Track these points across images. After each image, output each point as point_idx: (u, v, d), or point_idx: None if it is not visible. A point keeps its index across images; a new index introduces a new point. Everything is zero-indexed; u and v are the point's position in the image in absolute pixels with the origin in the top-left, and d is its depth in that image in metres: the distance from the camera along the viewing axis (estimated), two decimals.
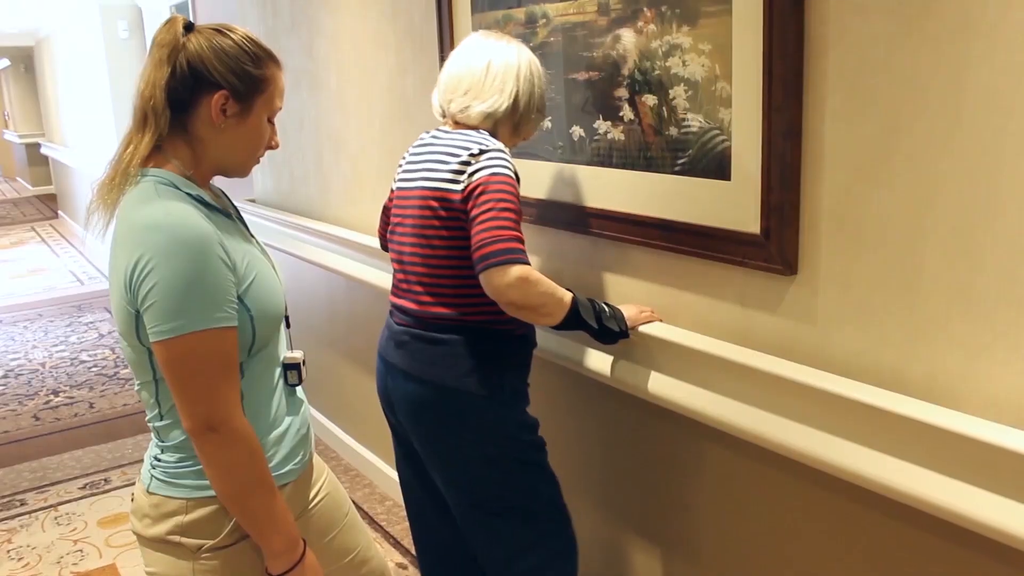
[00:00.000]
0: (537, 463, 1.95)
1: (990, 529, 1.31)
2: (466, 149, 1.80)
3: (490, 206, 1.72)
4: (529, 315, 1.76)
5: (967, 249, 1.35)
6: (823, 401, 1.53)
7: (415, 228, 1.88)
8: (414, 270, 1.90)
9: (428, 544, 2.18)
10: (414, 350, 1.90)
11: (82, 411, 4.44)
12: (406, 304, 1.94)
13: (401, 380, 1.93)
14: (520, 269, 1.69)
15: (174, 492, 1.43)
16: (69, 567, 2.98)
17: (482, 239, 1.71)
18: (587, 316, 1.81)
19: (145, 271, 1.29)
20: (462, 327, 1.86)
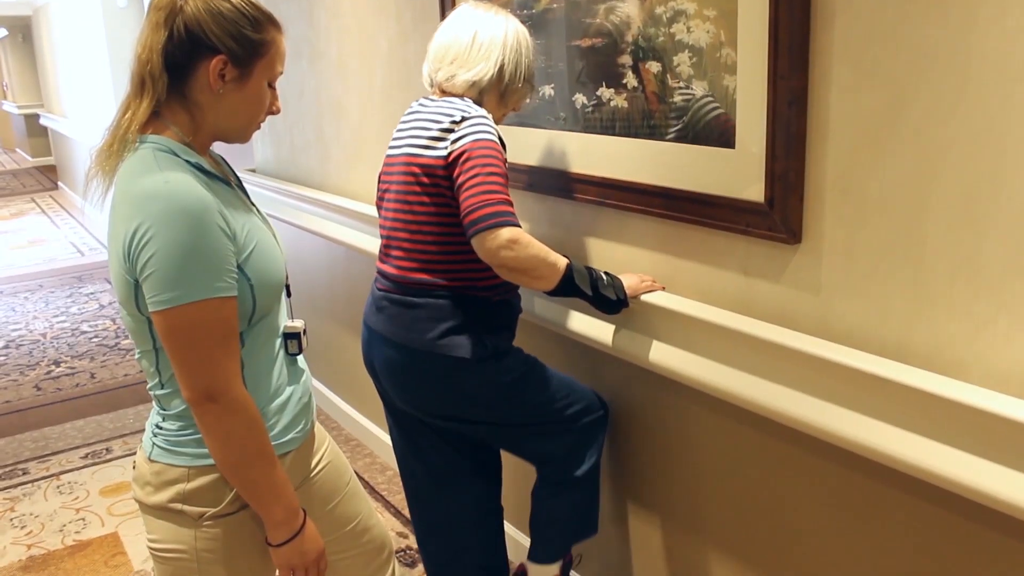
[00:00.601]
0: (535, 381, 1.98)
1: (992, 499, 1.31)
2: (448, 116, 1.83)
3: (477, 171, 1.74)
4: (522, 278, 1.78)
5: (972, 219, 1.33)
6: (825, 370, 1.52)
7: (398, 194, 1.92)
8: (396, 235, 1.93)
9: (423, 511, 2.19)
10: (392, 314, 1.93)
11: (83, 381, 4.45)
12: (388, 269, 1.96)
13: (381, 345, 1.96)
14: (511, 231, 1.71)
15: (176, 460, 1.43)
16: (71, 535, 3.00)
17: (471, 204, 1.73)
18: (581, 283, 1.82)
19: (144, 240, 1.27)
20: (439, 291, 1.89)
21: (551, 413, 1.98)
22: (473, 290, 1.90)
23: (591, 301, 1.86)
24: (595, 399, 2.06)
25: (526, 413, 1.97)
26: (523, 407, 1.96)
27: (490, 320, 1.93)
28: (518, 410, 1.96)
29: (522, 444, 2.04)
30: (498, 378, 1.93)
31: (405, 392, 1.97)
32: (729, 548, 1.92)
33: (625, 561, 2.26)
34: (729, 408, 1.82)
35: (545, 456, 2.04)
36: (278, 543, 1.44)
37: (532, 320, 2.23)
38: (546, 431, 2.00)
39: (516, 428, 2.00)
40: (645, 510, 2.15)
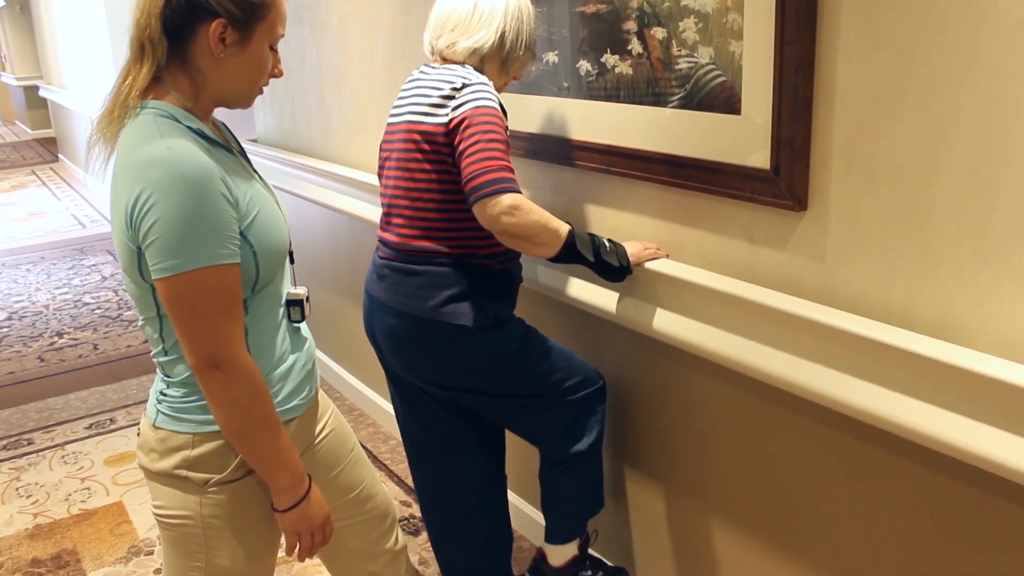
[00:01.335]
0: (535, 353, 1.97)
1: (998, 466, 1.31)
2: (449, 83, 1.82)
3: (477, 138, 1.73)
4: (523, 245, 1.77)
5: (981, 185, 1.32)
6: (831, 337, 1.52)
7: (400, 162, 1.91)
8: (397, 203, 1.93)
9: (426, 479, 2.20)
10: (394, 282, 1.93)
11: (86, 352, 4.45)
12: (389, 237, 1.96)
13: (381, 313, 1.96)
14: (512, 197, 1.71)
15: (180, 427, 1.43)
16: (77, 504, 3.01)
17: (472, 171, 1.72)
18: (584, 249, 1.81)
19: (146, 207, 1.26)
20: (440, 258, 1.88)
21: (550, 384, 1.98)
22: (474, 258, 1.89)
23: (593, 268, 1.85)
24: (593, 372, 2.06)
25: (525, 384, 1.97)
26: (522, 377, 1.96)
27: (491, 288, 1.93)
28: (517, 380, 1.96)
29: (520, 417, 2.04)
30: (499, 347, 1.93)
31: (406, 361, 1.97)
32: (732, 516, 1.93)
33: (627, 529, 2.27)
34: (733, 376, 1.82)
35: (544, 431, 2.04)
36: (284, 508, 1.45)
37: (534, 288, 2.23)
38: (544, 404, 2.00)
39: (515, 400, 1.99)
40: (647, 478, 2.15)
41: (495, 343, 1.92)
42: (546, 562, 2.13)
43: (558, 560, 2.12)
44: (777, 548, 1.83)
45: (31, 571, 2.65)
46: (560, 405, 2.00)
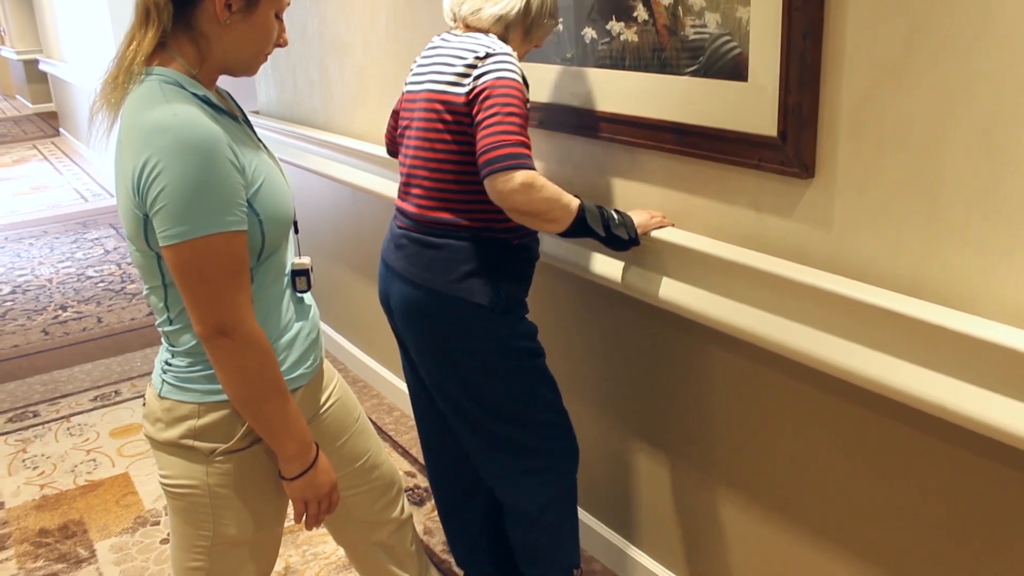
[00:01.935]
0: (536, 369, 1.96)
1: (1007, 434, 1.30)
2: (472, 52, 1.77)
3: (496, 110, 1.70)
4: (534, 221, 1.75)
5: (991, 152, 1.31)
6: (838, 306, 1.52)
7: (420, 132, 1.87)
8: (416, 173, 1.90)
9: (435, 451, 2.20)
10: (411, 253, 1.91)
11: (90, 325, 4.46)
12: (407, 207, 1.93)
13: (398, 283, 1.94)
14: (525, 174, 1.68)
15: (186, 396, 1.43)
16: (83, 476, 3.03)
17: (487, 144, 1.69)
18: (594, 223, 1.79)
19: (153, 174, 1.25)
20: (460, 232, 1.86)
21: (533, 408, 1.95)
22: (493, 231, 1.86)
23: (603, 242, 1.84)
24: (572, 430, 2.04)
25: (512, 394, 1.93)
26: (513, 384, 1.93)
27: (509, 265, 1.90)
28: (508, 385, 1.92)
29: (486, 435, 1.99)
30: (509, 338, 1.90)
31: (416, 332, 1.95)
32: (739, 486, 1.93)
33: (634, 500, 2.27)
34: (740, 345, 1.81)
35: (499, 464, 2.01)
36: (291, 477, 1.45)
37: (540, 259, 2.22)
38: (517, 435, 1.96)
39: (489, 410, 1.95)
40: (650, 447, 2.15)
41: (506, 332, 1.90)
42: None
43: None
44: (782, 518, 1.84)
45: (39, 541, 2.67)
46: (531, 432, 1.97)
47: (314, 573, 2.46)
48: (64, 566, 2.54)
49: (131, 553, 2.58)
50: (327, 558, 2.52)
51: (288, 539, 2.60)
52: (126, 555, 2.58)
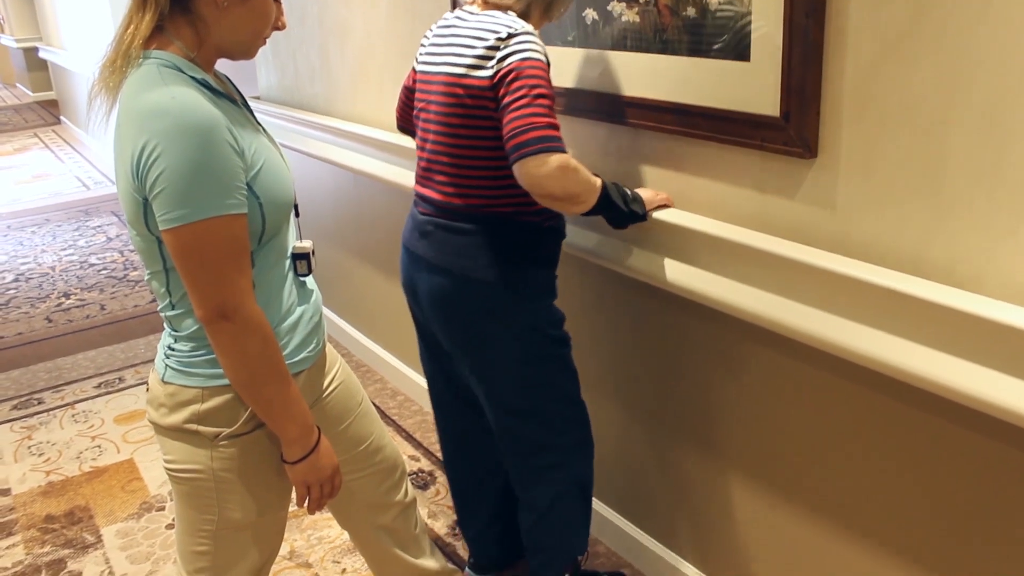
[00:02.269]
0: (561, 358, 1.93)
1: (1012, 414, 1.30)
2: (494, 32, 1.71)
3: (523, 92, 1.65)
4: (563, 205, 1.71)
5: (995, 130, 1.30)
6: (842, 286, 1.51)
7: (440, 116, 1.82)
8: (439, 159, 1.85)
9: (450, 433, 2.20)
10: (438, 240, 1.86)
11: (94, 313, 4.46)
12: (430, 194, 1.89)
13: (425, 271, 1.89)
14: (560, 158, 1.63)
15: (189, 381, 1.43)
16: (88, 462, 3.04)
17: (516, 127, 1.64)
18: (617, 199, 1.77)
19: (152, 157, 1.25)
20: (488, 217, 1.81)
21: (549, 402, 1.94)
22: (523, 215, 1.82)
23: (620, 218, 1.81)
24: (587, 424, 2.02)
25: (530, 384, 1.91)
26: (533, 374, 1.90)
27: (538, 249, 1.87)
28: (526, 374, 1.90)
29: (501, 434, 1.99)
30: (537, 326, 1.87)
31: (447, 321, 1.90)
32: (743, 467, 1.93)
33: (638, 484, 2.28)
34: (743, 325, 1.81)
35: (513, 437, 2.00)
36: (293, 460, 1.45)
37: None
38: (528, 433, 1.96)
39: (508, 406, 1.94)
40: (658, 428, 2.15)
41: (536, 318, 1.87)
42: None
43: None
44: (788, 499, 1.84)
45: (45, 527, 2.68)
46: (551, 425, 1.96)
47: (319, 557, 2.47)
48: (71, 551, 2.55)
49: (137, 538, 2.59)
50: (332, 542, 2.53)
51: (293, 523, 2.61)
52: (132, 540, 2.59)
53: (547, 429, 1.96)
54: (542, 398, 1.93)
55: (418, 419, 3.21)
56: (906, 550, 1.62)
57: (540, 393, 1.93)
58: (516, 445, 2.00)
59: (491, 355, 1.89)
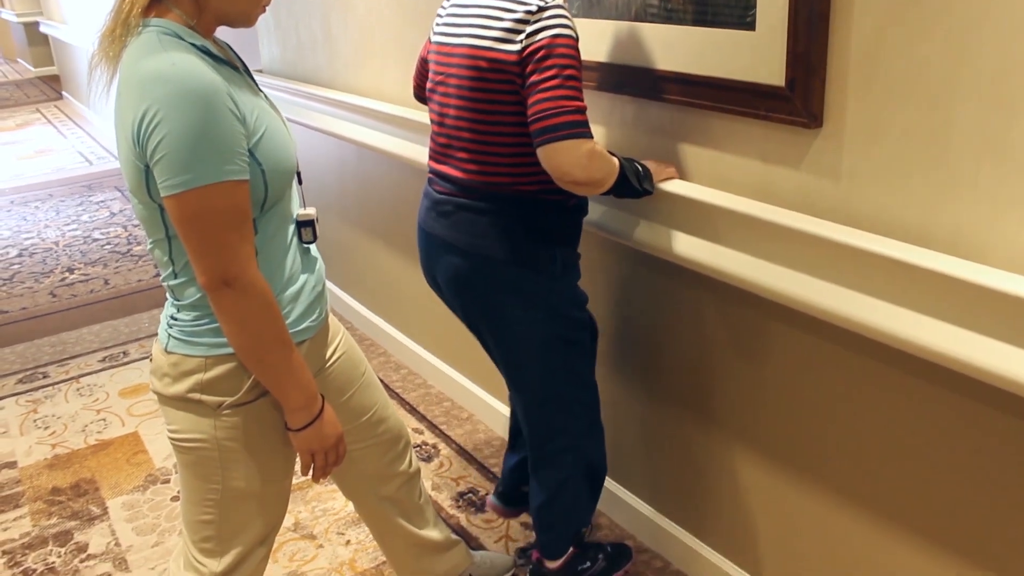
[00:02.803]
0: (581, 342, 1.92)
1: (1017, 385, 1.30)
2: (523, 5, 1.65)
3: (555, 72, 1.60)
4: (583, 189, 1.68)
5: (1003, 98, 1.29)
6: (846, 256, 1.51)
7: (461, 90, 1.76)
8: (459, 135, 1.79)
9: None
10: (460, 221, 1.82)
11: (97, 287, 4.47)
12: (450, 171, 1.84)
13: (445, 253, 1.86)
14: (588, 145, 1.61)
15: (192, 350, 1.43)
16: (94, 435, 3.05)
17: (545, 109, 1.61)
18: (632, 179, 1.75)
19: (152, 124, 1.24)
20: (512, 197, 1.78)
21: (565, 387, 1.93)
22: (549, 193, 1.79)
23: (633, 196, 1.80)
24: (598, 408, 2.03)
25: (549, 368, 1.90)
26: (553, 357, 1.89)
27: (562, 229, 1.84)
28: (546, 357, 1.88)
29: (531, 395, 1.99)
30: (561, 307, 1.86)
31: (470, 303, 1.88)
32: (746, 438, 1.93)
33: (640, 455, 2.28)
34: (746, 296, 1.81)
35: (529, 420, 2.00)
36: (298, 428, 1.46)
37: None
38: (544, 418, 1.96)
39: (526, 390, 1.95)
40: (663, 398, 2.16)
41: (560, 300, 1.85)
42: (544, 565, 2.14)
43: (556, 564, 2.13)
44: (790, 469, 1.84)
45: (52, 499, 2.69)
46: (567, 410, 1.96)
47: (323, 529, 2.48)
48: (77, 523, 2.57)
49: (142, 510, 2.61)
50: (336, 514, 2.54)
51: (297, 495, 2.63)
52: (137, 512, 2.60)
53: (564, 414, 1.97)
54: (561, 383, 1.93)
55: (421, 392, 3.22)
56: (915, 523, 1.62)
57: (560, 378, 1.93)
58: (533, 429, 2.00)
59: (512, 339, 1.88)
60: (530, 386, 1.94)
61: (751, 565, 2.02)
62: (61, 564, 2.40)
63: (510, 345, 1.89)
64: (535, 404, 1.96)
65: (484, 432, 2.93)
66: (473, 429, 2.95)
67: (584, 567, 2.15)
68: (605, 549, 2.20)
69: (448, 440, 2.90)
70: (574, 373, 1.94)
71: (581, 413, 1.99)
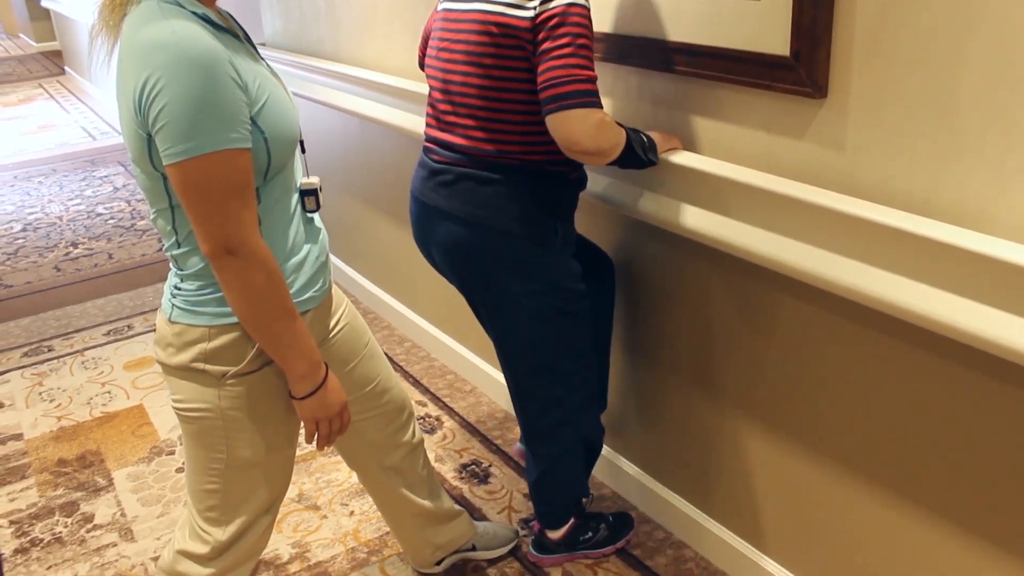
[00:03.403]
0: (578, 314, 1.92)
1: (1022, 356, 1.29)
2: None
3: (568, 40, 1.59)
4: (590, 159, 1.68)
5: (1009, 67, 1.28)
6: (850, 227, 1.50)
7: (470, 56, 1.74)
8: (466, 101, 1.77)
9: None
10: (462, 190, 1.80)
11: (102, 262, 4.47)
12: (453, 139, 1.82)
13: (442, 221, 1.84)
14: (599, 115, 1.61)
15: (196, 320, 1.43)
16: (99, 408, 3.06)
17: (556, 77, 1.60)
18: (639, 150, 1.74)
19: (154, 92, 1.24)
20: (518, 167, 1.77)
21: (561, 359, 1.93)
22: (552, 165, 1.78)
23: (633, 167, 1.80)
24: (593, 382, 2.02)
25: (546, 340, 1.90)
26: (551, 329, 1.88)
27: (563, 201, 1.83)
28: (544, 329, 1.88)
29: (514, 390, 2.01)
30: (560, 279, 1.85)
31: (467, 275, 1.87)
32: (749, 409, 1.94)
33: (643, 426, 2.29)
34: (750, 267, 1.81)
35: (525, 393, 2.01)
36: (302, 396, 1.46)
37: None
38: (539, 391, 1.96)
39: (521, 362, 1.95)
40: (665, 370, 2.16)
41: (559, 272, 1.85)
42: (546, 535, 2.16)
43: (558, 534, 2.15)
44: (793, 440, 1.85)
45: (58, 471, 2.71)
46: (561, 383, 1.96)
47: (327, 500, 2.50)
48: (83, 494, 2.59)
49: (148, 481, 2.63)
50: (340, 485, 2.56)
51: (301, 467, 2.64)
52: (143, 483, 2.62)
53: (559, 386, 1.97)
54: (556, 356, 1.93)
55: (425, 365, 3.23)
56: (918, 494, 1.63)
57: (554, 351, 1.92)
58: (528, 403, 2.01)
59: (509, 309, 1.87)
60: (524, 357, 1.94)
61: (753, 536, 2.04)
62: (68, 534, 2.42)
63: (506, 315, 1.89)
64: (527, 374, 1.96)
65: (487, 404, 2.94)
66: (476, 402, 2.96)
67: (586, 537, 2.16)
68: (607, 519, 2.21)
69: (451, 412, 2.92)
70: (571, 346, 1.94)
71: (577, 386, 1.99)
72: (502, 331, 1.93)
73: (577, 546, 2.17)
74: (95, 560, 2.32)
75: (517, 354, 1.94)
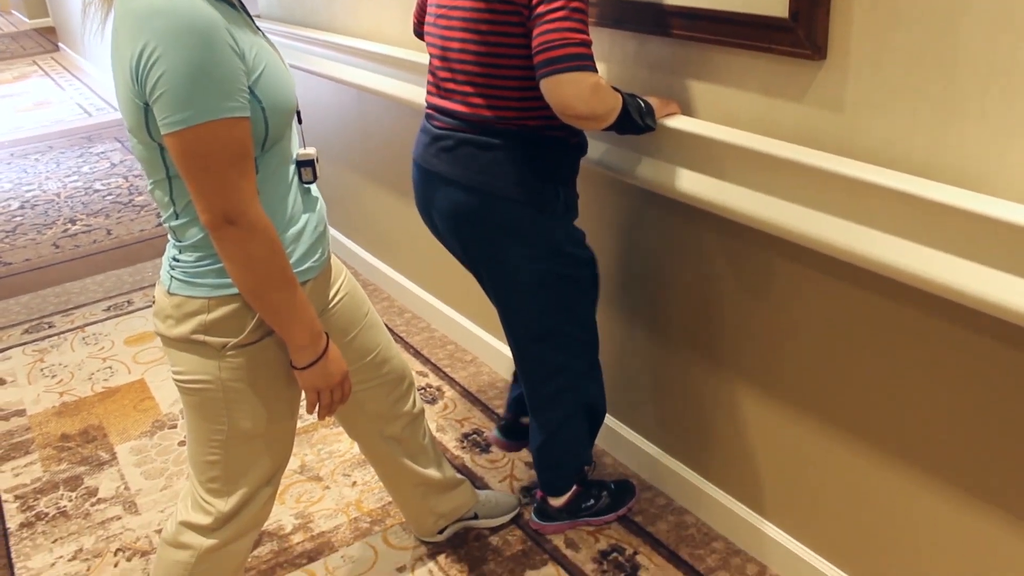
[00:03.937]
0: (581, 280, 1.91)
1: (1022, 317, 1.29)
2: None
3: (561, 4, 1.58)
4: (585, 123, 1.67)
5: (1011, 24, 1.27)
6: (851, 189, 1.49)
7: (467, 22, 1.73)
8: (464, 68, 1.77)
9: None
10: (462, 156, 1.80)
11: (100, 238, 4.46)
12: (452, 106, 1.81)
13: (443, 187, 1.84)
14: (593, 78, 1.59)
15: (195, 292, 1.43)
16: (100, 383, 3.07)
17: (549, 40, 1.58)
18: (635, 116, 1.73)
19: (151, 60, 1.22)
20: (517, 132, 1.76)
21: (565, 325, 1.93)
22: (552, 129, 1.77)
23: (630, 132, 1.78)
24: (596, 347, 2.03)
25: (549, 307, 1.90)
26: (553, 295, 1.88)
27: (563, 166, 1.83)
28: (546, 295, 1.88)
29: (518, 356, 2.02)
30: (563, 245, 1.85)
31: (469, 240, 1.87)
32: (749, 375, 1.94)
33: (643, 393, 2.29)
34: (749, 231, 1.80)
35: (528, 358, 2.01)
36: (303, 366, 1.46)
37: None
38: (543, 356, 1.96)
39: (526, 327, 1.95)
40: (665, 338, 2.16)
41: (562, 237, 1.85)
42: (548, 503, 2.17)
43: (559, 501, 2.16)
44: (793, 405, 1.85)
45: (61, 445, 2.72)
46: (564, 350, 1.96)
47: (329, 471, 2.51)
48: (87, 468, 2.60)
49: (150, 455, 2.64)
50: (342, 456, 2.57)
51: (303, 438, 2.65)
52: (145, 457, 2.63)
53: (563, 352, 1.97)
54: (559, 322, 1.93)
55: (425, 336, 3.23)
56: (915, 455, 1.63)
57: (558, 317, 1.92)
58: (531, 369, 2.01)
59: (511, 275, 1.87)
60: (526, 323, 1.94)
61: (753, 502, 2.04)
62: (72, 508, 2.44)
63: (508, 281, 1.89)
64: (529, 340, 1.96)
65: (488, 374, 2.94)
66: (477, 371, 2.97)
67: (588, 504, 2.18)
68: (608, 487, 2.22)
69: (452, 382, 2.92)
70: (572, 311, 1.94)
71: (580, 352, 2.00)
72: (504, 297, 1.92)
73: (579, 513, 2.18)
74: (100, 533, 2.33)
75: (519, 320, 1.94)
